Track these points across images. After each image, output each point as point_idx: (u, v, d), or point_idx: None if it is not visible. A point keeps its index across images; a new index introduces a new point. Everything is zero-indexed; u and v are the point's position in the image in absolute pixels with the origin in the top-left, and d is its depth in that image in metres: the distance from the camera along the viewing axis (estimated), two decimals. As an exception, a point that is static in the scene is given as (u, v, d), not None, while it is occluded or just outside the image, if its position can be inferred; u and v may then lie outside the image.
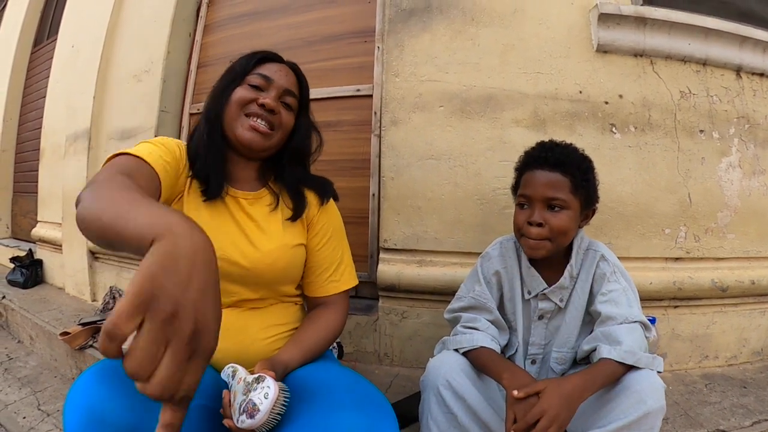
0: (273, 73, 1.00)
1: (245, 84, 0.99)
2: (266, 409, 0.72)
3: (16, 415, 1.71)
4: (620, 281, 1.09)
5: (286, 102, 1.01)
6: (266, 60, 1.03)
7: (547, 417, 0.84)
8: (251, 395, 0.74)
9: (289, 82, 1.02)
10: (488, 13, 1.70)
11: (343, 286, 1.08)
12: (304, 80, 1.07)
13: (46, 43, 3.84)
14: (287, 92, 1.01)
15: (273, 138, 0.99)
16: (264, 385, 0.74)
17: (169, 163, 0.89)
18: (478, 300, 1.15)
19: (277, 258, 0.99)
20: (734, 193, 1.73)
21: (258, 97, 0.97)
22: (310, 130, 1.09)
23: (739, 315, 1.74)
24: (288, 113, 1.02)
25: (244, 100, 0.97)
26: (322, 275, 1.07)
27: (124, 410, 0.67)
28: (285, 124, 1.01)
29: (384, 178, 1.72)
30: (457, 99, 1.68)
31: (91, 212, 0.59)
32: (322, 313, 1.05)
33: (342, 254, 1.10)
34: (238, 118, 0.97)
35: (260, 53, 1.04)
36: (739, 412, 1.41)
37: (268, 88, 0.99)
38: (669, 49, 1.70)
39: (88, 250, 2.58)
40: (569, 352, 1.14)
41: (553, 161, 1.06)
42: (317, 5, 2.12)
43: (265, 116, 0.97)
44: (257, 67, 1.01)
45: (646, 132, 1.67)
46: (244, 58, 1.03)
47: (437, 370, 1.00)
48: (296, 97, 1.04)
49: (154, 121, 2.33)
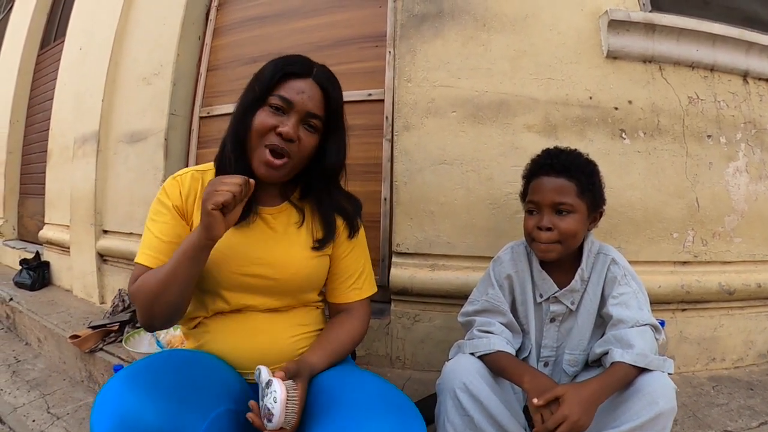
0: (295, 95, 0.94)
1: (266, 106, 0.95)
2: (279, 411, 0.76)
3: (25, 418, 1.72)
4: (631, 284, 1.11)
5: (310, 124, 0.96)
6: (292, 75, 0.96)
7: (568, 422, 0.86)
8: (264, 401, 0.78)
9: (313, 103, 0.95)
10: (500, 18, 1.71)
11: (364, 294, 1.10)
12: (333, 91, 0.99)
13: (54, 45, 3.84)
14: (310, 115, 0.95)
15: (287, 167, 0.95)
16: (272, 389, 0.78)
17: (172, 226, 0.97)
18: (491, 303, 1.17)
19: (300, 267, 1.01)
20: (741, 197, 1.75)
21: (278, 124, 0.93)
22: (342, 148, 1.04)
23: (745, 318, 1.76)
24: (310, 135, 0.97)
25: (265, 128, 0.93)
26: (345, 282, 1.09)
27: (155, 416, 0.68)
28: (304, 149, 0.96)
29: (396, 182, 1.73)
30: (470, 104, 1.69)
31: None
32: (345, 319, 1.07)
33: (364, 263, 1.12)
34: (257, 148, 0.94)
35: (284, 67, 0.97)
36: (746, 414, 1.42)
37: (289, 112, 0.94)
38: (677, 55, 1.71)
39: (96, 253, 2.58)
40: (581, 354, 1.16)
41: (559, 167, 1.09)
42: (327, 9, 2.13)
43: (283, 146, 0.93)
44: (280, 86, 0.95)
45: (655, 137, 1.69)
46: (269, 71, 0.97)
47: (454, 374, 1.02)
48: (320, 118, 0.97)
49: (163, 124, 2.33)
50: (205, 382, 0.81)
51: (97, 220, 2.59)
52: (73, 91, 2.99)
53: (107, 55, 2.63)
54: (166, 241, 0.95)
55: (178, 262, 0.85)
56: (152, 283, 0.88)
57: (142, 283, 0.90)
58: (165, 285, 0.86)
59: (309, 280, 1.03)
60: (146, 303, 0.89)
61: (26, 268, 3.02)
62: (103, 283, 2.61)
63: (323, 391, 0.85)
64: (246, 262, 0.97)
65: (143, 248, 0.96)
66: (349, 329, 1.04)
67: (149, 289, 0.88)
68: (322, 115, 0.98)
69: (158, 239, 0.95)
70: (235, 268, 0.96)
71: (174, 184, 1.00)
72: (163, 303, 0.88)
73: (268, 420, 0.77)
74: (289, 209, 1.05)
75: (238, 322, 0.98)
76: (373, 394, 0.81)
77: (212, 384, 0.82)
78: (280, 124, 0.93)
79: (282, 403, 0.76)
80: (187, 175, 1.03)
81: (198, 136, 2.42)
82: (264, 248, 0.99)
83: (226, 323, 0.98)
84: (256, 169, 0.95)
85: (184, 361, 0.85)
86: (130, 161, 2.48)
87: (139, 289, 0.90)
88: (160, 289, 0.86)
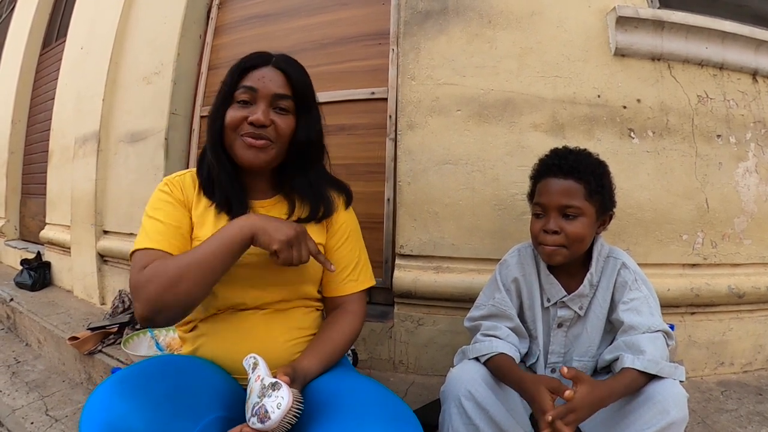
0: (257, 81, 0.95)
1: (234, 102, 0.96)
2: (277, 419, 0.72)
3: (24, 420, 1.70)
4: (642, 289, 1.09)
5: (280, 106, 0.96)
6: (251, 68, 0.97)
7: (575, 414, 0.86)
8: (265, 400, 0.74)
9: (276, 84, 0.96)
10: (505, 15, 1.68)
11: (360, 286, 1.08)
12: (296, 74, 0.99)
13: (55, 45, 3.84)
14: (277, 97, 0.95)
15: (273, 149, 0.96)
16: (279, 394, 0.74)
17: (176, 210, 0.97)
18: (498, 308, 1.15)
19: None
20: (751, 198, 1.73)
21: (247, 114, 0.94)
22: (312, 126, 1.02)
23: (755, 321, 1.73)
24: (285, 118, 0.97)
25: (235, 122, 0.94)
26: (340, 274, 1.06)
27: (144, 423, 0.66)
28: (282, 132, 0.96)
29: (400, 183, 1.71)
30: (475, 103, 1.66)
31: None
32: (338, 318, 1.04)
33: (359, 254, 1.10)
34: (235, 141, 0.96)
35: (242, 62, 0.98)
36: (756, 420, 1.40)
37: (256, 100, 0.94)
38: (686, 53, 1.69)
39: (96, 254, 2.57)
40: (590, 360, 1.13)
41: (567, 168, 1.06)
42: (329, 7, 2.11)
43: (259, 133, 0.94)
44: (242, 80, 0.96)
45: (664, 137, 1.66)
46: (230, 71, 0.98)
47: (458, 381, 1.00)
48: (289, 97, 0.97)
49: (164, 123, 2.31)
50: (197, 389, 0.78)
51: (98, 220, 2.58)
52: (74, 91, 2.98)
53: (108, 55, 2.62)
54: (174, 225, 0.94)
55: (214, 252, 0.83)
56: (171, 268, 0.82)
57: (157, 268, 0.83)
58: (189, 270, 0.81)
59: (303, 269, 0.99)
60: (159, 289, 0.81)
61: (27, 268, 3.01)
62: (103, 284, 2.60)
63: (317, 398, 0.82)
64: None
65: (148, 233, 0.92)
66: (342, 328, 1.01)
67: (167, 273, 0.82)
68: (290, 95, 0.97)
69: (164, 224, 0.94)
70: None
71: (176, 181, 1.02)
72: (181, 291, 0.82)
73: (260, 420, 0.73)
74: (281, 202, 1.04)
75: (233, 324, 0.96)
76: (369, 402, 0.78)
77: (204, 391, 0.79)
78: (250, 114, 0.94)
79: (284, 412, 0.73)
80: (187, 175, 1.04)
81: (199, 136, 2.41)
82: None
83: (221, 326, 0.96)
84: (240, 159, 0.96)
85: (177, 367, 0.82)
86: (131, 161, 2.47)
87: (155, 274, 0.83)
88: (180, 275, 0.81)
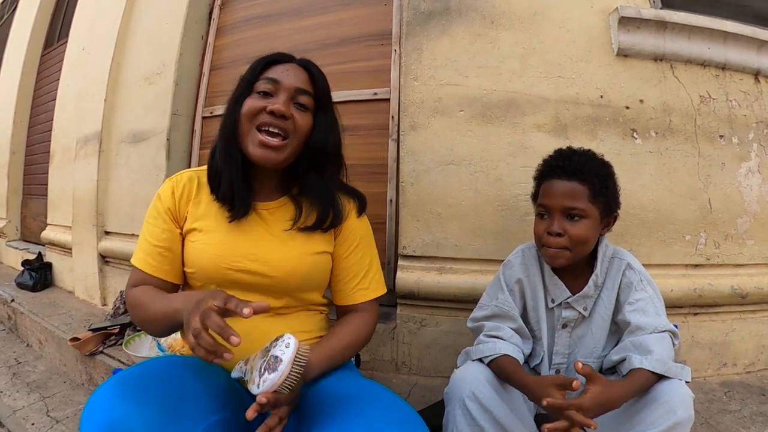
0: (280, 74, 0.94)
1: (254, 93, 0.94)
2: (289, 358, 0.70)
3: (24, 421, 1.70)
4: (647, 290, 1.09)
5: (300, 102, 0.94)
6: (274, 62, 0.97)
7: (583, 413, 0.84)
8: (272, 352, 0.73)
9: (299, 80, 0.95)
10: (508, 16, 1.68)
11: (371, 294, 1.06)
12: (318, 75, 0.99)
13: (57, 45, 3.84)
14: (299, 91, 0.94)
15: (287, 149, 0.93)
16: (284, 339, 0.74)
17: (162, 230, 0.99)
18: (501, 308, 1.14)
19: (297, 265, 0.97)
20: (753, 198, 1.72)
21: (267, 104, 0.91)
22: (330, 127, 1.00)
23: (758, 322, 1.72)
24: (303, 114, 0.95)
25: (253, 111, 0.92)
26: (349, 283, 1.04)
27: (145, 425, 0.66)
28: (300, 129, 0.94)
29: (403, 183, 1.71)
30: (478, 103, 1.66)
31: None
32: (351, 319, 1.03)
33: (370, 262, 1.08)
34: (249, 132, 0.93)
35: (267, 57, 0.98)
36: (759, 420, 1.40)
37: (278, 91, 0.93)
38: (689, 53, 1.68)
39: (98, 254, 2.57)
40: (595, 362, 1.13)
41: (571, 170, 1.05)
42: (331, 8, 2.11)
43: (277, 124, 0.91)
44: (265, 72, 0.95)
45: (667, 137, 1.66)
46: (252, 65, 0.98)
47: (462, 382, 0.99)
48: (310, 94, 0.96)
49: (166, 124, 2.31)
50: (199, 391, 0.77)
51: (99, 221, 2.57)
52: (75, 92, 2.98)
53: (110, 55, 2.61)
54: (159, 246, 0.98)
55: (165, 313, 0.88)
56: (139, 312, 0.94)
57: (137, 300, 0.95)
58: (153, 320, 0.91)
59: (308, 279, 0.99)
60: (136, 319, 0.97)
61: (28, 269, 3.01)
62: (104, 285, 2.59)
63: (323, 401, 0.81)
64: (238, 258, 0.94)
65: (138, 251, 1.00)
66: (353, 329, 1.00)
67: (137, 314, 0.95)
68: (311, 92, 0.97)
69: (149, 243, 0.98)
70: (227, 264, 0.93)
71: (168, 186, 1.02)
72: (148, 329, 0.97)
73: (272, 370, 0.70)
74: (287, 204, 1.02)
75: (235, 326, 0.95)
76: (377, 406, 0.77)
77: (206, 392, 0.78)
78: (270, 104, 0.92)
79: (294, 350, 0.70)
80: (184, 175, 1.03)
81: (201, 137, 2.40)
82: (258, 245, 0.96)
83: None
84: (251, 155, 0.94)
85: (178, 368, 0.81)
86: (132, 162, 2.47)
87: (133, 305, 0.96)
88: (144, 320, 0.94)
